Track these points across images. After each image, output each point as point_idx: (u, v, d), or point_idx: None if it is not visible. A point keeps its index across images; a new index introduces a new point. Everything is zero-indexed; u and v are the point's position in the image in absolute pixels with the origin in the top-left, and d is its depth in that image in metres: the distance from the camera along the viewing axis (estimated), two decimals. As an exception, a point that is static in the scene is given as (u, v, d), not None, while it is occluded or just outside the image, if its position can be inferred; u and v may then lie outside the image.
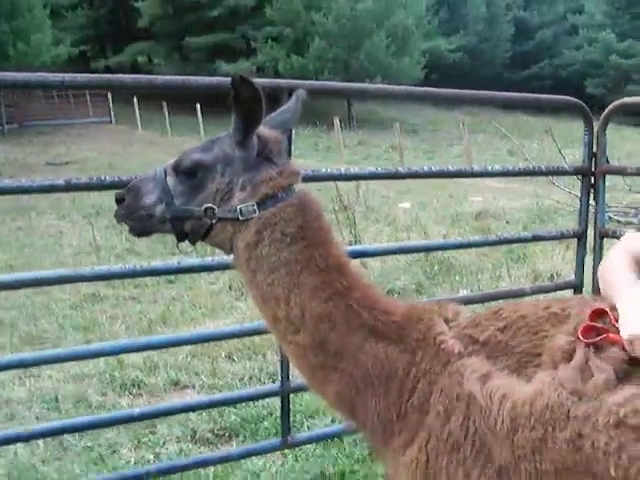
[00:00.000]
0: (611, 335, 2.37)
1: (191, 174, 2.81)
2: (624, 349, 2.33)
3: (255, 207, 2.74)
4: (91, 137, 40.24)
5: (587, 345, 2.37)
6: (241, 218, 2.74)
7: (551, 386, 2.34)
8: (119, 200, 2.93)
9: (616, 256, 2.87)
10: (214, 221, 2.78)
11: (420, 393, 2.70)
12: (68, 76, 3.79)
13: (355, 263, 9.58)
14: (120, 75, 4.05)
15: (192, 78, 4.18)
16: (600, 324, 2.43)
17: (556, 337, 2.50)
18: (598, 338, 2.37)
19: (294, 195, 2.82)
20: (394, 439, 2.77)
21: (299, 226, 2.79)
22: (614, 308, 2.51)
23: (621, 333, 2.36)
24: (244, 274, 2.87)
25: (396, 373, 2.77)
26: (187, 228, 2.85)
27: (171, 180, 2.84)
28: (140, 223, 2.92)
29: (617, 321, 2.42)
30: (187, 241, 2.93)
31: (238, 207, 2.75)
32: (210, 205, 2.77)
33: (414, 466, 2.65)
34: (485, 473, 2.47)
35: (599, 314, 2.48)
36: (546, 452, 2.30)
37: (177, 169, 2.85)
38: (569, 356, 2.38)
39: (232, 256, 2.91)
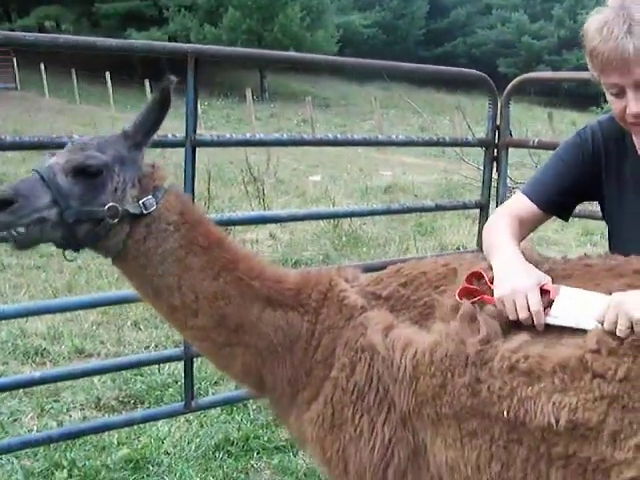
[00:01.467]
0: (485, 297, 2.50)
1: (93, 174, 2.66)
2: None
3: (153, 200, 2.76)
4: (-5, 103, 39.06)
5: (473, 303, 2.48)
6: (145, 212, 2.73)
7: (448, 337, 2.43)
8: (3, 203, 2.57)
9: (498, 217, 3.00)
10: (116, 220, 2.69)
11: (324, 348, 2.79)
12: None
13: (264, 233, 9.56)
14: (21, 33, 3.93)
15: (98, 39, 4.08)
16: (476, 286, 2.55)
17: (444, 296, 2.61)
18: (473, 300, 2.48)
19: (168, 186, 2.87)
20: (299, 396, 2.84)
21: (180, 212, 2.83)
22: (491, 268, 2.63)
23: (494, 294, 2.49)
24: (132, 274, 2.87)
25: (299, 336, 2.85)
26: (81, 232, 2.68)
27: (64, 181, 2.63)
28: (29, 230, 2.60)
29: (492, 282, 2.54)
30: (70, 248, 2.78)
31: (141, 201, 2.73)
32: (113, 204, 2.67)
33: (320, 420, 2.73)
34: (389, 419, 2.57)
35: (476, 276, 2.59)
36: (446, 397, 2.40)
37: (74, 169, 2.65)
38: (457, 312, 2.49)
39: (113, 259, 2.85)
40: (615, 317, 2.20)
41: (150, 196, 2.75)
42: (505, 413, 2.28)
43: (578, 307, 2.33)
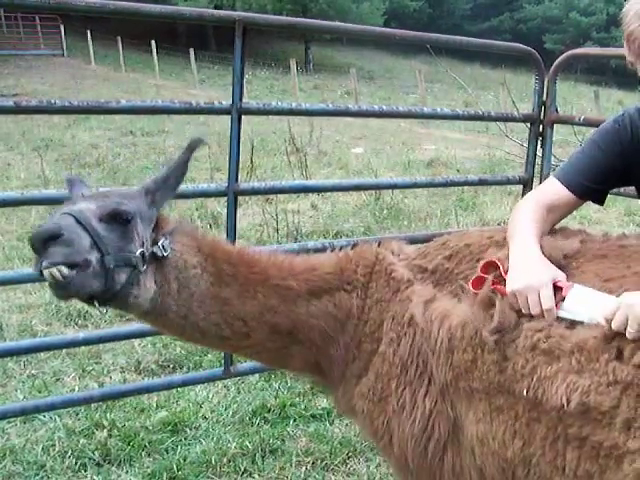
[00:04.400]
0: (498, 287, 2.49)
1: (125, 221, 2.56)
2: None
3: (167, 242, 2.70)
4: (42, 69, 39.22)
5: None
6: (164, 254, 2.67)
7: (474, 317, 2.46)
8: (50, 238, 2.37)
9: (528, 202, 2.94)
10: (145, 267, 2.60)
11: (372, 322, 2.82)
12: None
13: (305, 204, 9.60)
14: (72, -1, 3.94)
15: (148, 5, 4.09)
16: (490, 275, 2.54)
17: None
18: (486, 290, 2.49)
19: (176, 226, 2.81)
20: (348, 369, 2.88)
21: (197, 249, 2.80)
22: (508, 258, 2.61)
23: (506, 287, 2.48)
24: (173, 326, 2.81)
25: (350, 314, 2.88)
26: (121, 279, 2.55)
27: (98, 226, 2.49)
28: (76, 275, 2.40)
29: (507, 273, 2.53)
30: (103, 303, 2.61)
31: (159, 243, 2.66)
32: (143, 250, 2.60)
33: (371, 394, 2.77)
34: (430, 392, 2.59)
35: (492, 265, 2.58)
36: (477, 372, 2.43)
37: (109, 215, 2.53)
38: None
39: (146, 315, 2.76)
40: (625, 318, 2.16)
41: (164, 238, 2.69)
42: (525, 392, 2.30)
43: (589, 306, 2.31)
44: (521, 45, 5.63)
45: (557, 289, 2.41)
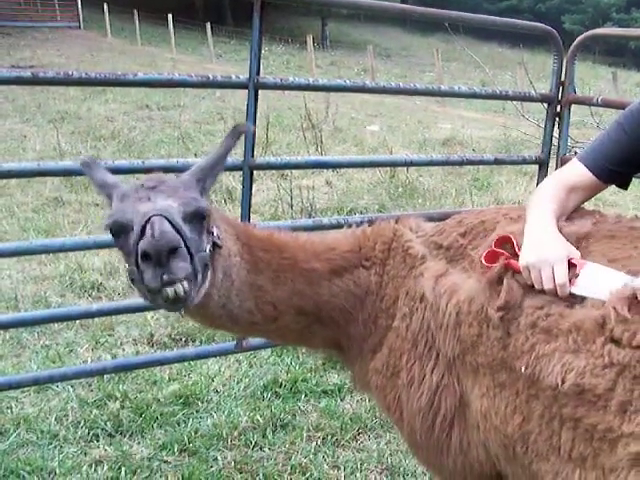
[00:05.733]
0: (511, 262, 2.47)
1: (202, 219, 2.45)
2: None
3: (217, 230, 2.60)
4: (58, 42, 39.21)
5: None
6: (220, 243, 2.57)
7: (481, 293, 2.47)
8: (171, 251, 2.22)
9: (549, 182, 2.91)
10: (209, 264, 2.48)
11: (388, 297, 2.85)
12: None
13: (320, 180, 9.58)
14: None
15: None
16: (503, 250, 2.53)
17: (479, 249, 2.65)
18: (498, 264, 2.48)
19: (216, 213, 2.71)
20: (365, 344, 2.90)
21: (235, 236, 2.75)
22: (522, 234, 2.60)
23: (519, 261, 2.46)
24: (207, 315, 2.74)
25: (369, 291, 2.91)
26: (202, 282, 2.44)
27: (186, 229, 2.33)
28: (190, 285, 2.30)
29: (520, 249, 2.52)
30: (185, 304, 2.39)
31: (215, 234, 2.55)
32: (209, 245, 2.49)
33: (385, 369, 2.80)
34: (437, 366, 2.61)
35: (505, 240, 2.58)
36: (482, 347, 2.44)
37: (191, 215, 2.40)
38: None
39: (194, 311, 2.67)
40: None
41: (215, 228, 2.58)
42: (523, 369, 2.31)
43: (603, 283, 2.28)
44: (542, 25, 5.58)
45: (571, 266, 2.39)
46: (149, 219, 2.23)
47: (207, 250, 2.46)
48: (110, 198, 2.54)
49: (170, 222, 2.24)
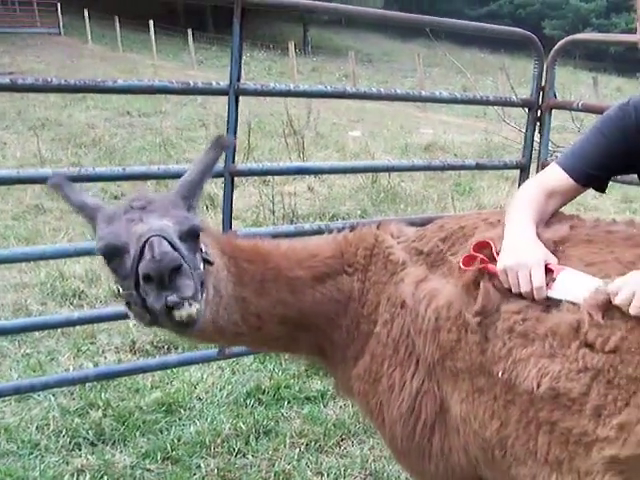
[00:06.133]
0: (489, 266, 2.49)
1: (196, 238, 2.42)
2: None
3: (204, 246, 2.52)
4: (38, 48, 38.96)
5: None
6: (210, 259, 2.52)
7: (458, 298, 2.48)
8: (174, 269, 2.18)
9: (528, 187, 2.94)
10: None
11: (369, 303, 2.84)
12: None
13: (302, 186, 9.56)
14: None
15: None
16: (481, 255, 2.54)
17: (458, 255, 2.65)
18: (476, 268, 2.49)
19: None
20: (347, 351, 2.89)
21: (219, 249, 2.70)
22: (501, 238, 2.61)
23: (497, 264, 2.48)
24: (201, 331, 2.56)
25: (351, 297, 2.89)
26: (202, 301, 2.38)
27: (183, 247, 2.29)
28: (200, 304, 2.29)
29: (498, 254, 2.53)
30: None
31: (205, 251, 2.49)
32: (202, 262, 2.43)
33: (367, 375, 2.79)
34: (417, 372, 2.61)
35: (483, 245, 2.59)
36: (461, 352, 2.45)
37: (187, 233, 2.36)
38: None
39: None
40: (631, 294, 2.14)
41: (203, 245, 2.50)
42: (500, 373, 2.32)
43: (579, 287, 2.31)
44: (521, 30, 5.61)
45: (548, 271, 2.40)
46: (147, 240, 2.18)
47: (201, 268, 2.40)
48: (93, 220, 2.48)
49: (169, 242, 2.20)
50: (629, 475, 2.11)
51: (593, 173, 2.93)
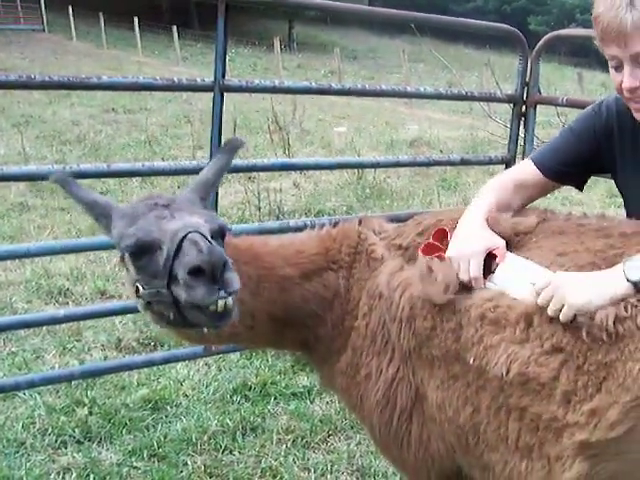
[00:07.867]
0: (443, 254, 2.59)
1: (223, 237, 2.47)
2: None
3: None
4: (22, 45, 38.67)
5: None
6: None
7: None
8: (224, 265, 2.20)
9: (496, 179, 3.04)
10: None
11: (353, 300, 2.87)
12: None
13: (288, 182, 9.56)
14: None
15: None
16: (439, 243, 2.66)
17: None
18: (431, 256, 2.60)
19: None
20: (332, 346, 2.91)
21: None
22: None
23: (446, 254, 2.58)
24: (194, 334, 2.68)
25: (337, 293, 2.92)
26: None
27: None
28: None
29: None
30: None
31: None
32: None
33: (349, 370, 2.82)
34: (393, 360, 2.64)
35: (442, 234, 2.69)
36: (436, 340, 2.49)
37: (217, 232, 2.40)
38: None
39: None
40: (550, 296, 2.22)
41: None
42: (472, 360, 2.35)
43: (519, 276, 2.40)
44: (505, 25, 5.64)
45: (492, 257, 2.50)
46: (185, 236, 2.20)
47: None
48: (106, 218, 2.49)
49: (206, 238, 2.21)
50: (599, 459, 2.13)
51: (562, 169, 3.01)
